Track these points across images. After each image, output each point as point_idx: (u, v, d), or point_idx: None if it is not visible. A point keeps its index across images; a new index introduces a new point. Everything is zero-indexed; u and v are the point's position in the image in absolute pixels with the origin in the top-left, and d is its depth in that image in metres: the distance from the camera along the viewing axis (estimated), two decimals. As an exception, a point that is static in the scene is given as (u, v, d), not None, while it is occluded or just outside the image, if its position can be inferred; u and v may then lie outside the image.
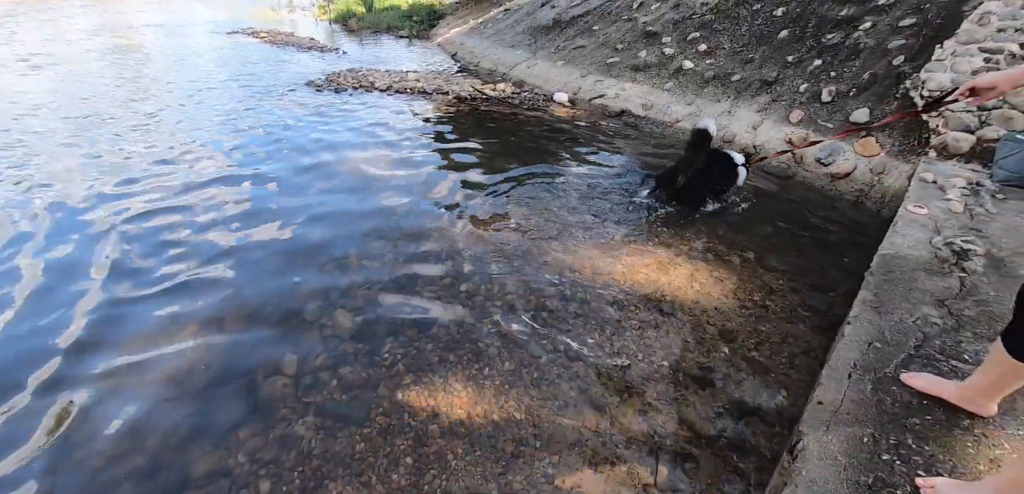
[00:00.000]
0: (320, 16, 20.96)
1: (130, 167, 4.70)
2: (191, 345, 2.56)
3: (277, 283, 3.08)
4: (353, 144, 5.43)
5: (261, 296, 2.95)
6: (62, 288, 2.98)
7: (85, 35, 13.79)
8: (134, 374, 2.38)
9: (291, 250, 3.44)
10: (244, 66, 9.52)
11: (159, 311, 2.81)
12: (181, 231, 3.66)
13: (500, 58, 10.15)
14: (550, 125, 6.50)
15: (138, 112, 6.44)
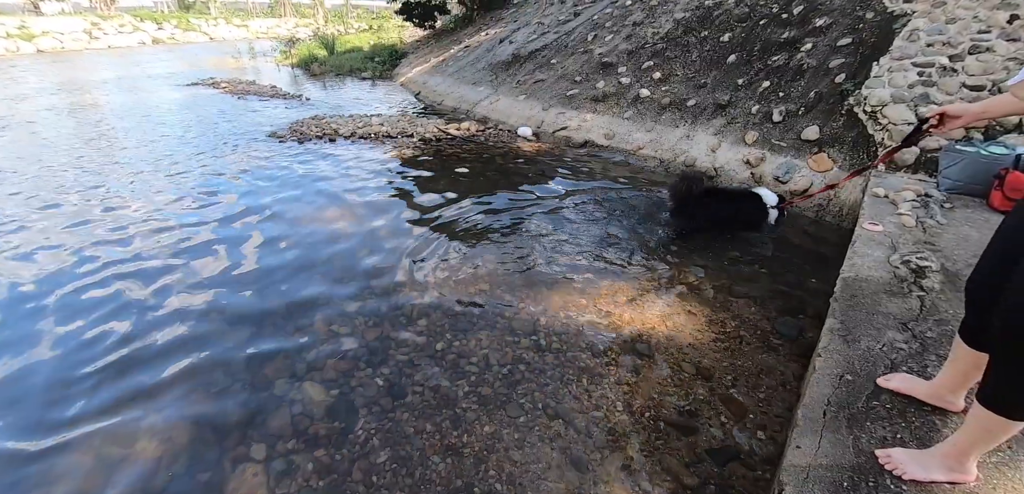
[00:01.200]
0: (282, 62, 20.77)
1: (83, 232, 4.46)
2: (149, 432, 2.39)
3: (241, 355, 2.92)
4: (317, 197, 5.30)
5: (225, 372, 2.79)
6: (5, 362, 2.77)
7: (40, 94, 13.28)
8: (86, 469, 2.20)
9: (255, 317, 3.28)
10: (204, 119, 9.26)
11: (112, 389, 2.64)
12: (134, 298, 3.46)
13: (463, 95, 10.20)
14: (516, 161, 6.51)
15: (92, 173, 6.15)
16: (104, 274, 3.83)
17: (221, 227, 4.63)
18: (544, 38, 10.68)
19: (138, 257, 4.10)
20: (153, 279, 3.74)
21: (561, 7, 12.43)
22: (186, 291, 3.60)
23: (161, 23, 42.96)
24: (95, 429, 2.45)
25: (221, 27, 47.18)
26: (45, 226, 4.72)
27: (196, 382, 2.73)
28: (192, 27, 44.37)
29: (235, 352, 2.96)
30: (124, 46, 36.98)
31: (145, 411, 2.54)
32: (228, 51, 29.96)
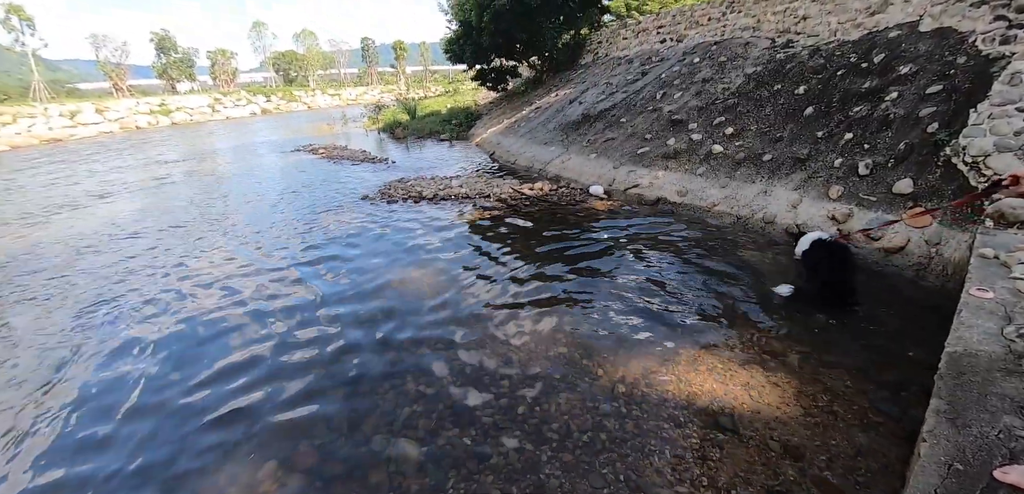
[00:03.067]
0: (369, 127, 22.54)
1: (196, 282, 5.06)
2: (256, 484, 2.62)
3: (341, 409, 3.16)
4: (405, 257, 5.68)
5: (327, 426, 3.03)
6: (113, 402, 3.16)
7: (168, 162, 15.39)
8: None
9: (352, 372, 3.56)
10: (305, 184, 10.26)
11: (220, 445, 2.92)
12: (239, 350, 3.86)
13: (535, 155, 10.54)
14: (589, 220, 6.61)
15: (206, 232, 6.99)
16: (213, 324, 4.32)
17: (319, 285, 5.07)
18: (613, 98, 10.88)
19: (244, 309, 4.60)
20: (258, 330, 4.17)
21: (628, 67, 12.64)
22: (289, 345, 3.97)
23: (269, 96, 48.15)
24: (205, 451, 2.76)
25: (318, 97, 52.23)
26: (163, 281, 5.41)
27: (302, 435, 2.98)
28: (294, 98, 49.46)
29: (335, 405, 3.22)
30: (239, 117, 41.81)
31: (252, 461, 2.81)
32: (324, 118, 32.88)
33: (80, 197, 10.44)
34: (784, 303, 4.05)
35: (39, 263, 6.38)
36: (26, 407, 3.43)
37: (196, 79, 53.94)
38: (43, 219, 8.72)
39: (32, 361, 4.03)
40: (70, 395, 3.54)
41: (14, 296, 5.41)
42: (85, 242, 7.08)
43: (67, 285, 5.56)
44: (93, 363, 3.94)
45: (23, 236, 7.67)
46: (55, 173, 14.52)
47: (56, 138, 29.75)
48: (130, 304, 4.95)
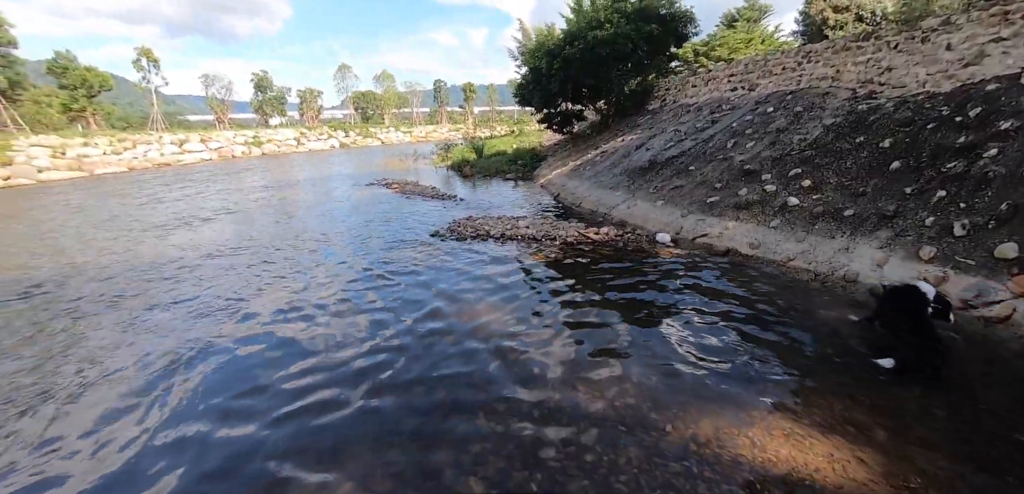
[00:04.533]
0: (439, 164, 23.54)
1: (280, 302, 5.48)
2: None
3: (414, 438, 3.31)
4: (474, 293, 5.88)
5: (401, 451, 3.18)
6: (200, 410, 3.46)
7: (254, 190, 16.86)
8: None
9: (424, 401, 3.73)
10: (378, 216, 10.90)
11: (299, 463, 3.12)
12: (315, 376, 4.13)
13: (600, 199, 10.59)
14: (656, 267, 6.54)
15: (287, 257, 7.57)
16: (287, 347, 4.65)
17: (390, 318, 5.35)
18: (681, 145, 10.79)
19: (321, 334, 4.93)
20: (333, 356, 4.45)
21: (697, 115, 12.52)
22: (363, 371, 4.21)
23: (348, 131, 51.59)
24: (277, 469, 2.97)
25: (391, 133, 55.34)
26: (249, 300, 5.88)
27: (375, 462, 3.14)
28: (370, 134, 52.73)
29: (407, 434, 3.37)
30: (320, 149, 45.10)
31: (327, 472, 3.00)
32: (396, 153, 34.63)
33: (177, 217, 11.65)
34: (869, 368, 3.81)
35: (156, 272, 7.17)
36: (173, 376, 3.86)
37: (286, 114, 58.98)
38: (137, 237, 9.80)
39: (165, 347, 4.53)
40: (200, 373, 3.95)
41: (157, 295, 6.10)
42: (179, 262, 7.87)
43: (179, 293, 6.21)
44: (197, 361, 4.37)
45: (148, 245, 8.67)
46: (164, 194, 16.26)
47: (165, 162, 33.39)
48: (225, 314, 5.46)
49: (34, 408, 3.94)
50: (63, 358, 4.78)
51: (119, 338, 5.21)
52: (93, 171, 28.59)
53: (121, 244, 9.40)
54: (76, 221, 12.30)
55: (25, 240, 10.29)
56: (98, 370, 4.50)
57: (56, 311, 6.05)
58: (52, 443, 3.49)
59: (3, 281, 7.34)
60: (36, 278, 7.40)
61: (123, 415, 3.80)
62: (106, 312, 5.97)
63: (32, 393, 4.16)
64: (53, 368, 4.60)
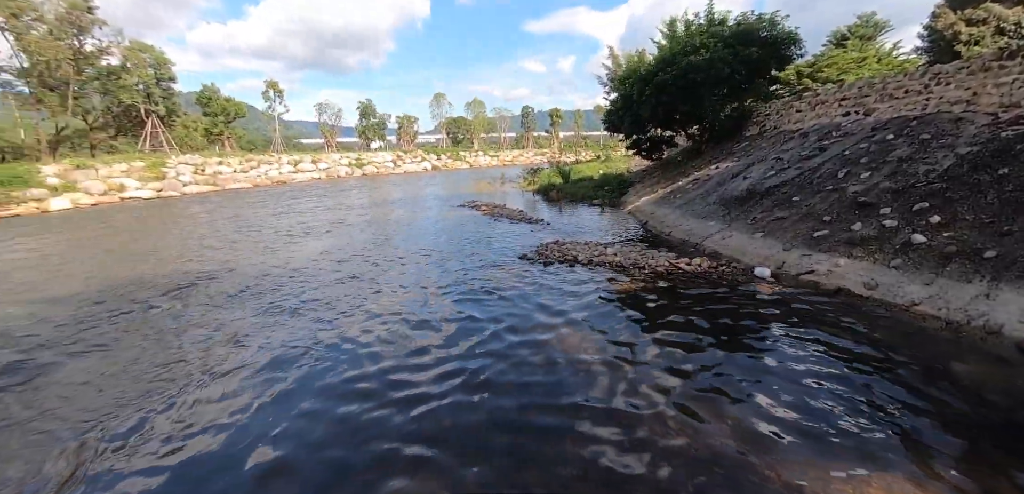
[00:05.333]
0: (525, 188, 24.00)
1: (365, 325, 5.86)
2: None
3: (503, 455, 3.40)
4: (560, 320, 5.91)
5: (493, 472, 3.28)
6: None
7: (356, 208, 18.28)
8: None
9: (512, 418, 3.82)
10: (469, 237, 11.34)
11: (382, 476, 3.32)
12: (397, 397, 4.35)
13: (692, 229, 10.21)
14: (754, 304, 6.17)
15: (386, 270, 8.09)
16: (376, 360, 4.95)
17: (478, 338, 5.53)
18: (783, 174, 10.13)
19: (407, 350, 5.21)
20: (424, 375, 4.68)
21: (802, 142, 11.70)
22: (453, 389, 4.39)
23: (439, 155, 54.27)
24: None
25: (479, 157, 57.44)
26: (359, 306, 6.34)
27: (465, 472, 3.27)
28: (460, 158, 55.14)
29: (499, 453, 3.48)
30: (414, 171, 47.93)
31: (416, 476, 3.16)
32: (484, 176, 35.79)
33: (298, 228, 12.93)
34: (1015, 436, 3.32)
35: (286, 274, 8.02)
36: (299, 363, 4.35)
37: (385, 138, 63.60)
38: (249, 245, 10.97)
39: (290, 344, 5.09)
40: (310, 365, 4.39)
41: (281, 300, 6.88)
42: (302, 267, 8.72)
43: (305, 294, 6.91)
44: (319, 351, 4.83)
45: (274, 253, 9.75)
46: (285, 208, 18.14)
47: (282, 180, 37.28)
48: (339, 316, 5.97)
49: (192, 379, 4.58)
50: (220, 339, 5.52)
51: (261, 326, 6.07)
52: (225, 186, 32.64)
53: (255, 249, 10.64)
54: (216, 228, 14.12)
55: (178, 244, 11.99)
56: (243, 354, 5.16)
57: (213, 302, 6.98)
58: (216, 401, 4.04)
59: (167, 276, 8.60)
60: (192, 276, 8.58)
61: (265, 390, 4.30)
62: (249, 304, 6.88)
63: (194, 366, 4.84)
64: (218, 345, 5.31)
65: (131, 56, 36.92)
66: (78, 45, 33.08)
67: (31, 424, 4.13)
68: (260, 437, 3.81)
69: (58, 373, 5.08)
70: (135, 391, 4.62)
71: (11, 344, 5.88)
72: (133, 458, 3.63)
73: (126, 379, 4.89)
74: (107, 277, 8.93)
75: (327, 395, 4.44)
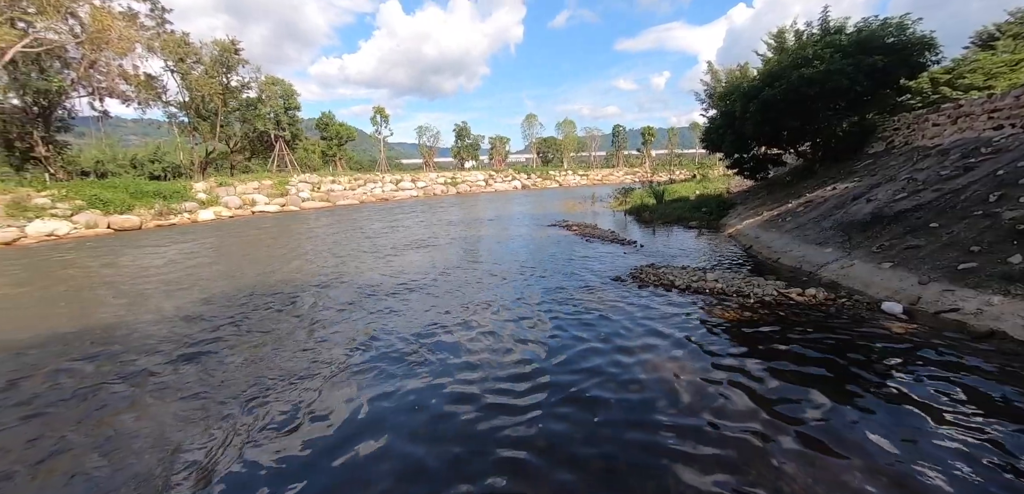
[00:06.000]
0: (616, 208, 23.54)
1: (462, 336, 6.00)
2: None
3: (591, 473, 3.32)
4: (658, 347, 5.67)
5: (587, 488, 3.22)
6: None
7: (452, 224, 19.07)
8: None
9: (610, 453, 3.70)
10: (561, 256, 11.33)
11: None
12: (493, 402, 4.44)
13: (804, 256, 9.34)
14: (882, 345, 5.46)
15: (482, 285, 8.30)
16: (474, 369, 5.04)
17: (572, 359, 5.46)
18: (918, 196, 8.95)
19: (502, 362, 5.28)
20: (516, 385, 4.70)
21: (941, 160, 10.27)
22: (544, 402, 4.36)
23: (529, 174, 55.14)
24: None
25: (569, 176, 57.51)
26: (458, 317, 6.55)
27: (550, 478, 3.24)
28: (549, 177, 55.65)
29: (587, 460, 3.45)
30: (504, 190, 49.15)
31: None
32: (573, 196, 35.71)
33: (403, 242, 13.78)
34: None
35: (393, 283, 8.60)
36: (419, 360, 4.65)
37: (478, 158, 66.10)
38: (368, 256, 11.78)
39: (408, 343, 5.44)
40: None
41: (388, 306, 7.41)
42: (405, 278, 9.25)
43: (408, 303, 7.35)
44: (425, 353, 5.10)
45: (388, 262, 10.52)
46: (389, 223, 19.46)
47: (385, 198, 40.03)
48: (439, 327, 6.25)
49: (313, 371, 5.05)
50: (336, 338, 6.05)
51: (371, 329, 6.66)
52: (336, 202, 35.77)
53: (365, 259, 11.55)
54: (332, 240, 15.52)
55: (301, 252, 13.34)
56: (354, 353, 5.59)
57: (330, 304, 7.67)
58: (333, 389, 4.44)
59: (293, 278, 9.60)
60: (314, 281, 9.51)
61: (379, 383, 4.62)
62: (359, 308, 7.53)
63: (314, 360, 5.34)
64: (333, 345, 5.84)
65: (266, 89, 42.16)
66: (226, 81, 38.47)
67: (187, 398, 4.79)
68: (368, 426, 4.29)
69: (207, 359, 5.84)
70: (270, 375, 5.18)
71: (173, 333, 6.87)
72: (260, 435, 4.07)
73: (260, 365, 5.51)
74: (246, 277, 10.17)
75: (429, 395, 4.80)
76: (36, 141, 29.97)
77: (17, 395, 5.17)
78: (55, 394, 5.15)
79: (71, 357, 6.19)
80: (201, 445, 4.10)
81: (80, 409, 4.82)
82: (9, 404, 4.96)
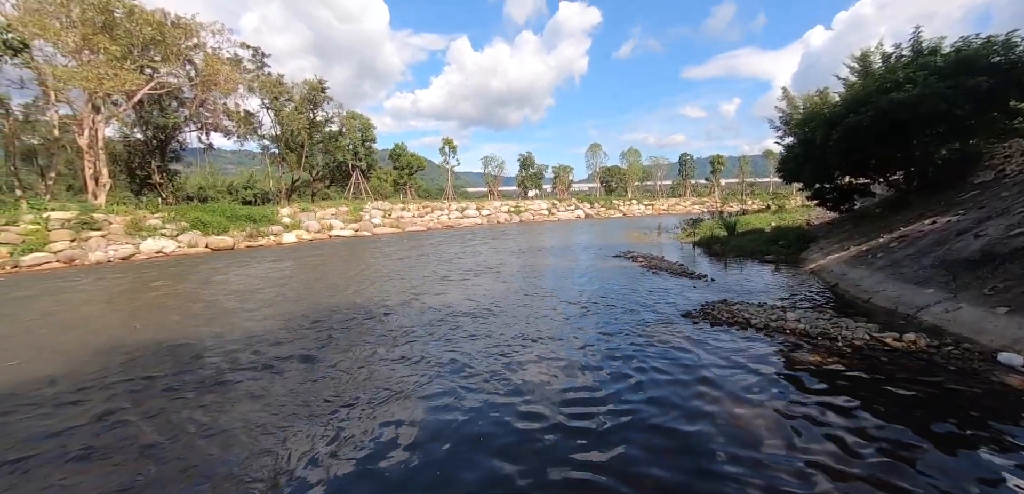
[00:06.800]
0: (685, 239, 22.69)
1: (520, 368, 5.89)
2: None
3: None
4: (734, 391, 5.28)
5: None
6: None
7: (517, 251, 19.17)
8: None
9: (674, 469, 3.49)
10: (627, 289, 10.99)
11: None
12: (559, 424, 4.26)
13: (899, 296, 8.44)
14: (997, 401, 4.76)
15: (546, 316, 8.19)
16: (541, 397, 4.90)
17: (641, 400, 5.20)
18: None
19: (567, 390, 5.15)
20: (582, 409, 4.53)
21: (1070, 191, 9.00)
22: (611, 430, 4.16)
23: (592, 203, 54.65)
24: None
25: (633, 206, 56.41)
26: (527, 345, 6.48)
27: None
28: (613, 206, 54.87)
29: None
30: (567, 218, 49.02)
31: None
32: (637, 226, 34.89)
33: (469, 270, 14.02)
34: None
35: (463, 309, 8.75)
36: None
37: (542, 187, 66.61)
38: (438, 281, 12.03)
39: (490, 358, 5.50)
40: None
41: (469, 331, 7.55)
42: (473, 306, 9.36)
43: (476, 330, 7.43)
44: (495, 379, 5.09)
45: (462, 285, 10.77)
46: (457, 250, 19.93)
47: (450, 224, 41.15)
48: (506, 358, 6.23)
49: (386, 388, 5.20)
50: (408, 357, 6.21)
51: (440, 351, 6.64)
52: (405, 228, 37.24)
53: (437, 283, 11.86)
54: (403, 264, 16.13)
55: (376, 274, 13.96)
56: (424, 372, 5.69)
57: (401, 326, 7.93)
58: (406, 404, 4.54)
59: (373, 304, 10.03)
60: (391, 303, 9.89)
61: (456, 400, 4.67)
62: (429, 330, 7.67)
63: (386, 378, 5.50)
64: (404, 362, 6.01)
65: (346, 123, 45.27)
66: (312, 117, 41.75)
67: (261, 410, 5.07)
68: (438, 442, 4.46)
69: (296, 369, 6.18)
70: (349, 391, 5.38)
71: (261, 345, 7.36)
72: (334, 447, 4.20)
73: (335, 382, 5.74)
74: (329, 297, 10.75)
75: (497, 415, 4.95)
76: (153, 169, 34.11)
77: (138, 379, 5.72)
78: (175, 381, 5.64)
79: (189, 358, 6.78)
80: (299, 452, 4.32)
81: (193, 398, 5.24)
82: (137, 387, 5.49)
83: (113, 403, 5.56)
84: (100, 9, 25.34)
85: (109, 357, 7.26)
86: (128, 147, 34.55)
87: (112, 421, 5.13)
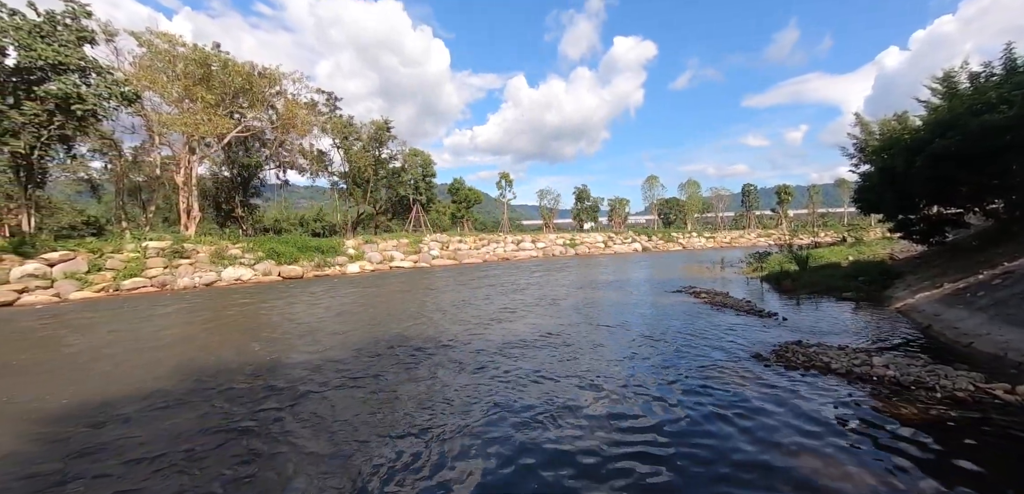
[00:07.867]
0: (750, 274, 21.50)
1: (587, 403, 5.63)
2: None
3: None
4: (815, 445, 4.80)
5: None
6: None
7: (573, 286, 18.90)
8: None
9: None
10: (690, 329, 10.40)
11: None
12: (620, 468, 3.99)
13: (1008, 341, 7.46)
14: None
15: (605, 354, 7.91)
16: (603, 435, 4.65)
17: (708, 439, 4.87)
18: None
19: (630, 433, 4.82)
20: (646, 450, 4.25)
21: None
22: (684, 479, 3.87)
23: (650, 236, 53.36)
24: None
25: (694, 239, 54.46)
26: (587, 383, 6.26)
27: None
28: (671, 239, 53.26)
29: None
30: (623, 251, 48.11)
31: None
32: (698, 260, 33.58)
33: (527, 304, 13.95)
34: None
35: (524, 339, 8.69)
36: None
37: (598, 220, 65.91)
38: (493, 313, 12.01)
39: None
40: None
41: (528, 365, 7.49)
42: (530, 338, 9.25)
43: (538, 362, 7.31)
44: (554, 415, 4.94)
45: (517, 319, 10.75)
46: (513, 283, 19.96)
47: (506, 257, 41.40)
48: (565, 395, 6.06)
49: (443, 420, 5.18)
50: (464, 387, 6.20)
51: (496, 385, 6.57)
52: (462, 260, 37.86)
53: (496, 316, 11.90)
54: (461, 297, 16.34)
55: (437, 307, 14.21)
56: (479, 404, 5.63)
57: (458, 358, 7.97)
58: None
59: (426, 332, 10.19)
60: (452, 334, 10.00)
61: (518, 431, 4.58)
62: (487, 364, 7.70)
63: (444, 410, 5.50)
64: (460, 392, 6.00)
65: (408, 159, 47.32)
66: (378, 154, 44.03)
67: (315, 438, 5.18)
68: (490, 473, 4.48)
69: (363, 393, 6.32)
70: (418, 418, 5.42)
71: (334, 369, 7.61)
72: (392, 474, 4.20)
73: (401, 410, 5.83)
74: (392, 326, 11.04)
75: (566, 447, 4.94)
76: (236, 204, 37.18)
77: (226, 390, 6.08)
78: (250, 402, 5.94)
79: (279, 375, 7.15)
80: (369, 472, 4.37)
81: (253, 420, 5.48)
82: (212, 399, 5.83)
83: (216, 409, 5.93)
84: (200, 63, 28.48)
85: (209, 371, 7.80)
86: (216, 184, 37.92)
87: (214, 427, 5.58)
